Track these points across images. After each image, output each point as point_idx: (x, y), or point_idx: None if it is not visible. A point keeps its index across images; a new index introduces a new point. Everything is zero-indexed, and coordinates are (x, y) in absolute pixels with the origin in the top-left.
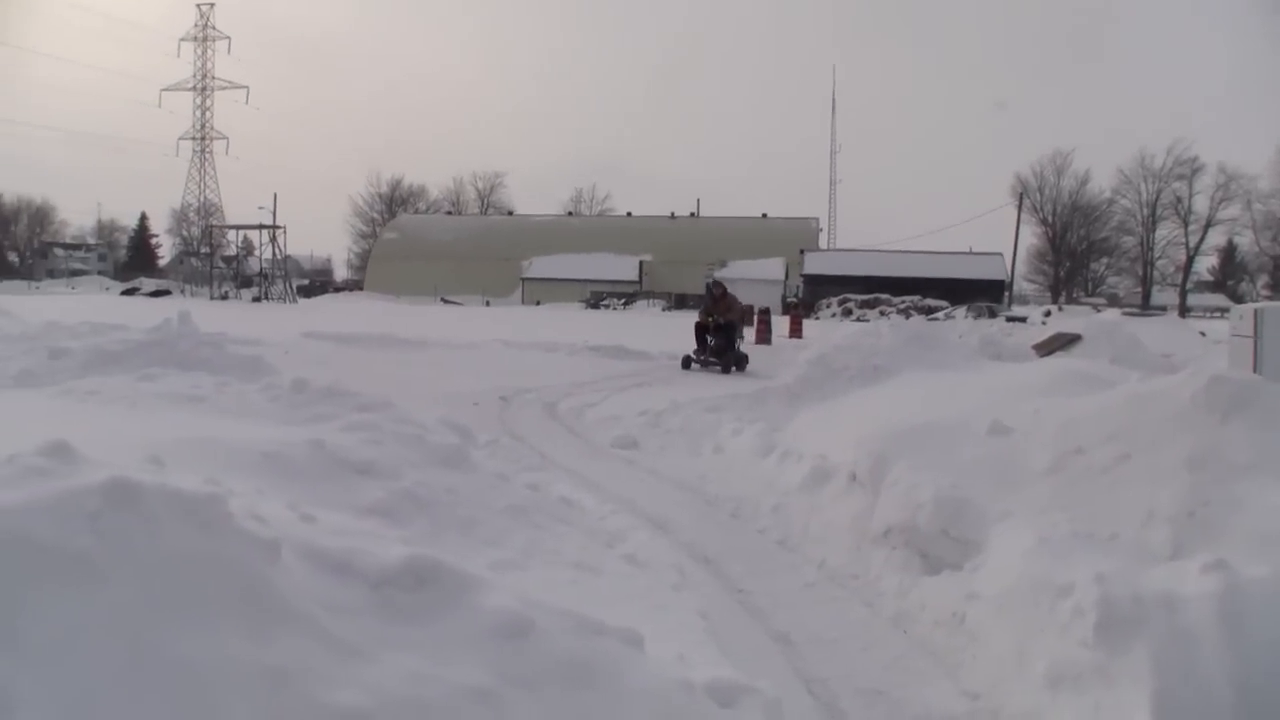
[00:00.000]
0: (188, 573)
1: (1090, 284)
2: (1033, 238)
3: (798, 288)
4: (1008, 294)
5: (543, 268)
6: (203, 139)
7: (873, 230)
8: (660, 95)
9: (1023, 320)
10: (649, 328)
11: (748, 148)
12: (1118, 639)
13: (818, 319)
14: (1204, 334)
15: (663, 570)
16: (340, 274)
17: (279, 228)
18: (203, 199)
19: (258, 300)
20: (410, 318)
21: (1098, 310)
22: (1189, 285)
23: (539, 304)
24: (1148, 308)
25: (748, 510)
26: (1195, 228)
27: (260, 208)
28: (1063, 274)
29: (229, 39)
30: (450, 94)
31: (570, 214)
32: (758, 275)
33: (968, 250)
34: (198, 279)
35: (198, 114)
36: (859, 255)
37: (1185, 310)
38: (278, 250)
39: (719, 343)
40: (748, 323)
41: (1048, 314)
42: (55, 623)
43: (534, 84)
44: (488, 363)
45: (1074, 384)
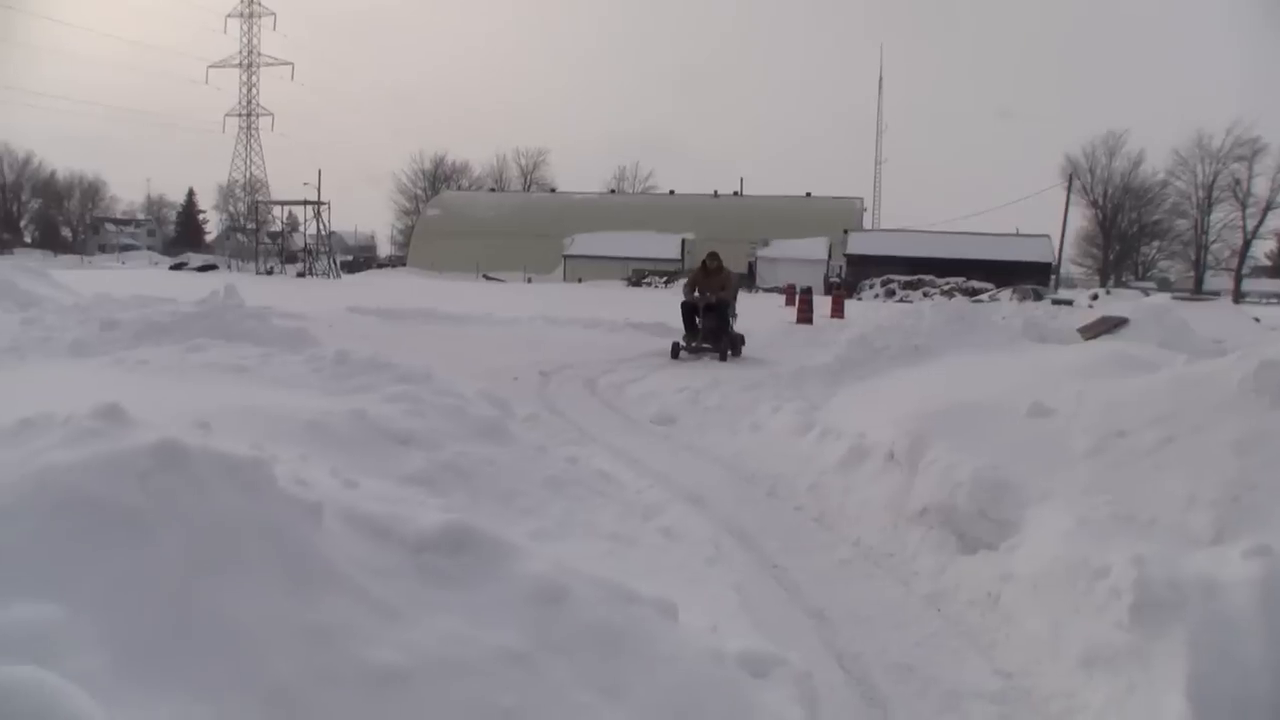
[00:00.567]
0: (233, 532)
1: (1140, 268)
2: (1082, 220)
3: (841, 268)
4: (1055, 277)
5: (585, 245)
6: (249, 115)
7: (918, 211)
8: (705, 73)
9: (1069, 303)
10: None
11: (793, 126)
12: (1154, 622)
13: (860, 299)
14: (1258, 320)
15: (698, 544)
16: (383, 250)
17: (323, 204)
18: (248, 175)
19: (302, 275)
20: (452, 294)
21: (1147, 294)
22: (1245, 270)
23: (580, 281)
24: (1200, 293)
25: (785, 487)
26: (1254, 210)
27: (305, 184)
28: (1112, 257)
29: (274, 15)
30: (494, 70)
31: (613, 191)
32: (800, 255)
33: (1014, 232)
34: (244, 254)
35: (244, 90)
36: (903, 236)
37: (1240, 296)
38: (322, 226)
39: (710, 324)
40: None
41: (1095, 297)
42: (107, 575)
43: (578, 61)
44: (528, 338)
45: (1118, 366)
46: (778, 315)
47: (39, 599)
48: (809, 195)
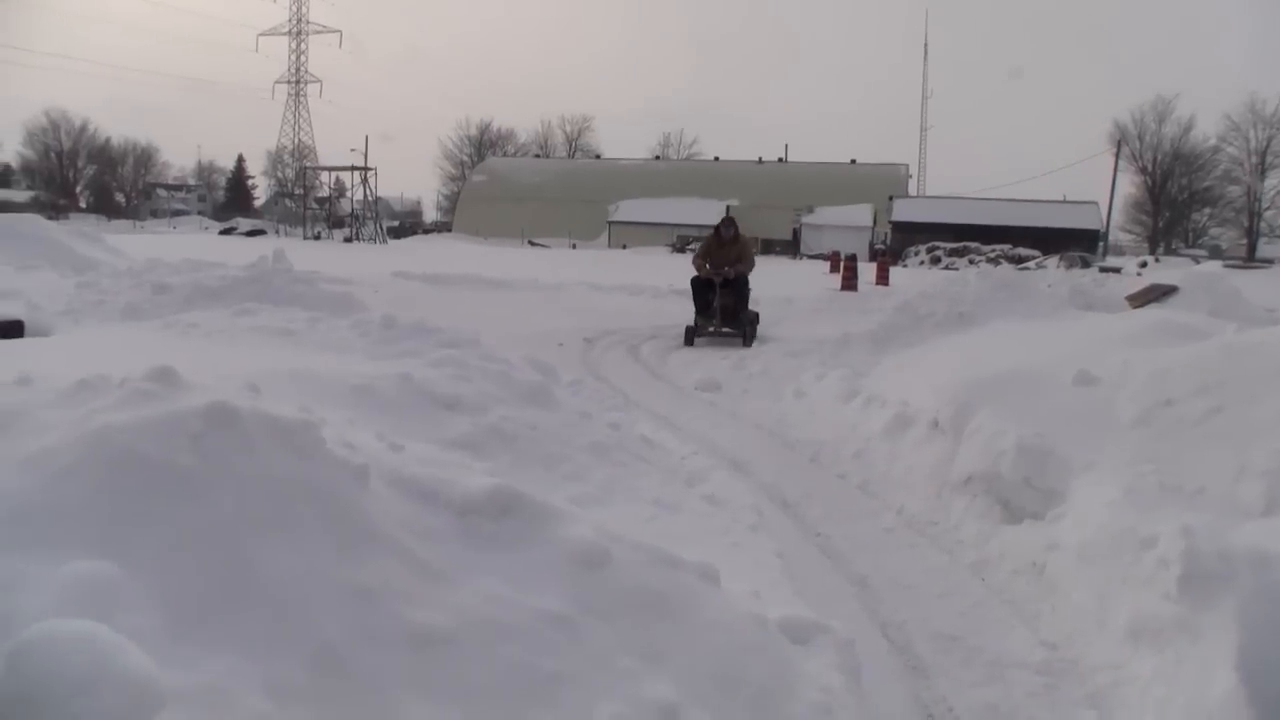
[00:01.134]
0: (282, 493)
1: (1191, 235)
2: (1131, 187)
3: (885, 235)
4: (1103, 244)
5: (629, 211)
6: (297, 83)
7: (964, 177)
8: (750, 38)
9: (1117, 271)
10: None
11: (838, 92)
12: (1203, 593)
13: (905, 267)
14: None
15: (741, 510)
16: (429, 216)
17: (370, 169)
18: (297, 141)
19: (349, 241)
20: (497, 259)
21: (1197, 262)
22: None
23: (625, 248)
24: (1253, 260)
25: (828, 455)
26: None
27: (352, 150)
28: (1161, 225)
29: None
30: (540, 37)
31: (657, 158)
32: (845, 222)
33: (1061, 199)
34: (292, 220)
35: (293, 58)
36: (949, 203)
37: None
38: (369, 192)
39: (728, 302)
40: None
41: (1143, 265)
42: (160, 534)
43: (623, 27)
44: (573, 304)
45: (1166, 335)
46: (822, 282)
47: (95, 556)
48: (854, 162)
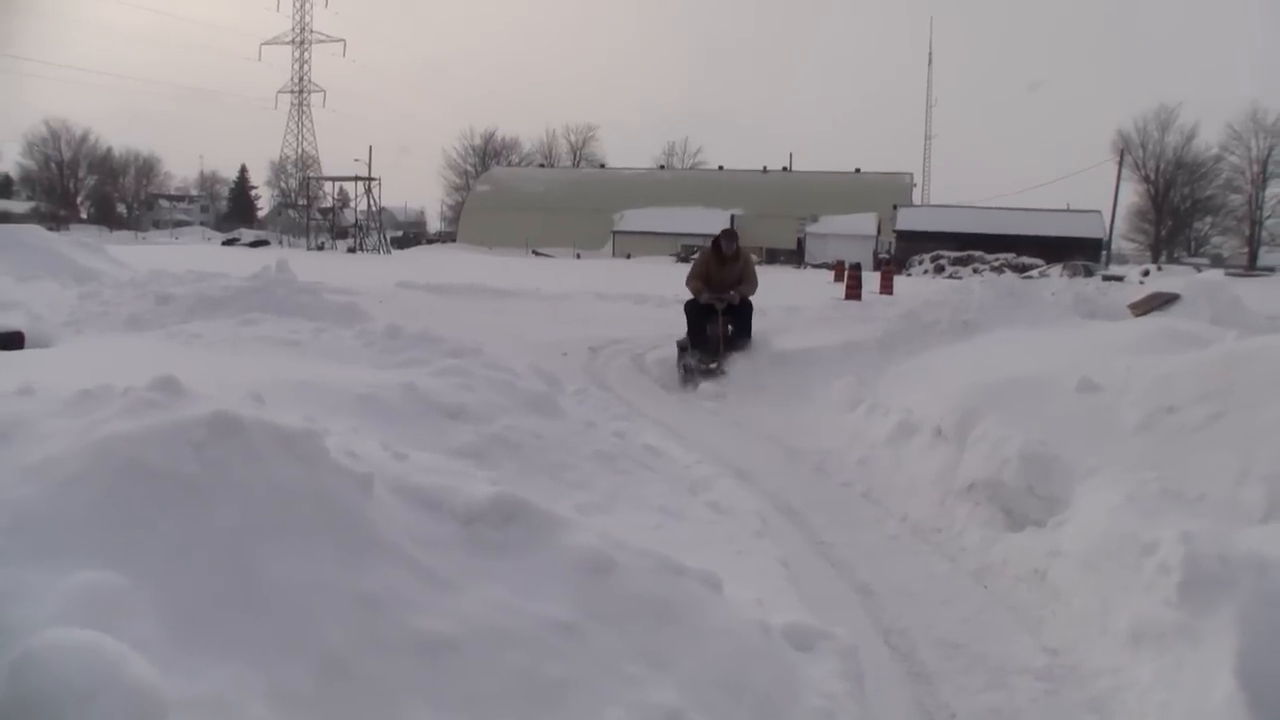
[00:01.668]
0: (286, 501)
1: (1193, 244)
2: (1133, 195)
3: (890, 244)
4: (1106, 253)
5: (634, 221)
6: (300, 92)
7: (968, 187)
8: (754, 48)
9: (1120, 279)
10: None
11: (842, 101)
12: (1203, 599)
13: (910, 275)
14: None
15: (745, 518)
16: (433, 226)
17: (374, 180)
18: (300, 151)
19: (353, 251)
20: (502, 269)
21: (1199, 270)
22: None
23: (630, 257)
24: (1254, 268)
25: (832, 463)
26: None
27: (356, 160)
28: (1164, 233)
29: None
30: (543, 46)
31: (662, 167)
32: (850, 231)
33: (1065, 208)
34: (295, 230)
35: (296, 67)
36: (953, 211)
37: None
38: (372, 202)
39: (735, 332)
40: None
41: (1146, 273)
42: (164, 543)
43: (627, 36)
44: (578, 313)
45: (1168, 342)
46: (826, 291)
47: (99, 565)
48: (858, 171)
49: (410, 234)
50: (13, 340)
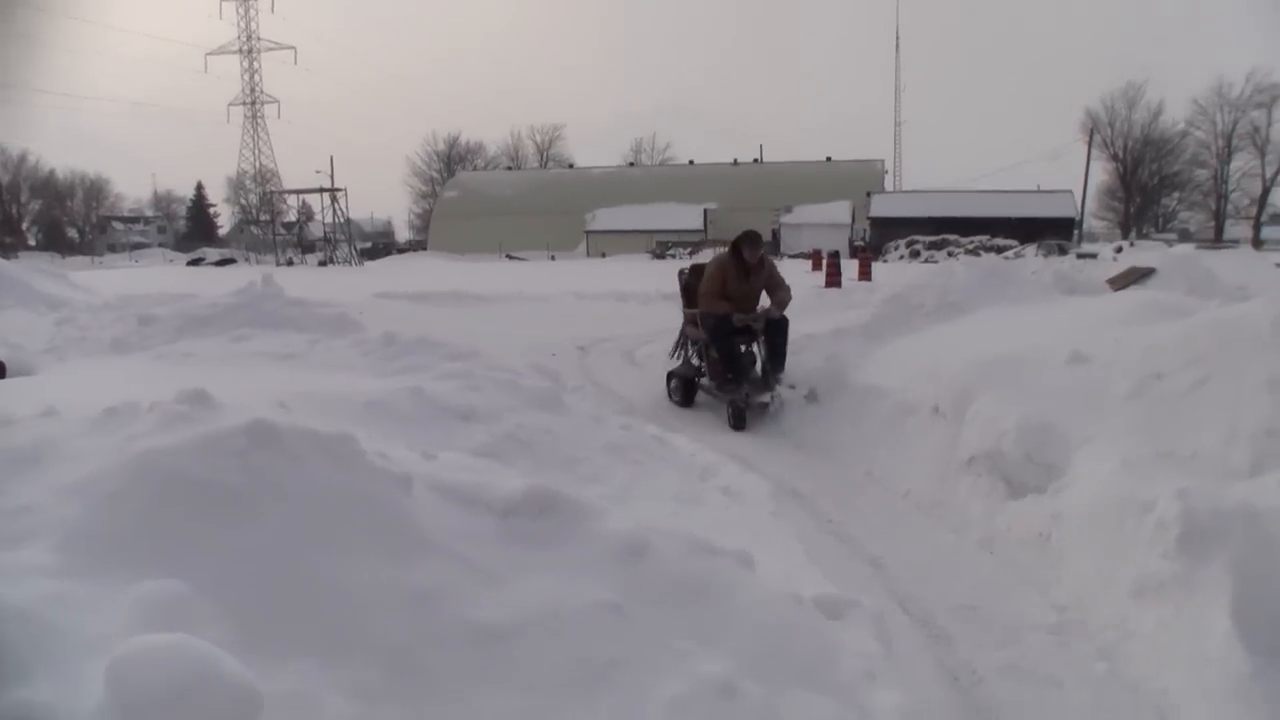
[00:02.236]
0: (330, 505)
1: (1161, 220)
2: (1103, 174)
3: (864, 231)
4: (1077, 231)
5: (606, 219)
6: (253, 104)
7: (940, 171)
8: (719, 40)
9: (1093, 257)
10: None
11: (811, 91)
12: (1199, 550)
13: (886, 262)
14: (1279, 265)
15: (758, 501)
16: (402, 235)
17: (339, 190)
18: (258, 165)
19: (323, 264)
20: (477, 275)
21: (1170, 245)
22: (1264, 218)
23: (604, 256)
24: (1221, 241)
25: (834, 446)
26: (1272, 158)
27: (317, 171)
28: (1133, 210)
29: None
30: (504, 46)
31: (631, 164)
32: (824, 219)
33: (1036, 188)
34: (260, 247)
35: (246, 77)
36: (925, 196)
37: (1259, 243)
38: (339, 213)
39: (773, 352)
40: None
41: (1119, 250)
42: (218, 551)
43: (589, 34)
44: (561, 314)
45: (1151, 313)
46: (805, 280)
47: (161, 575)
48: (829, 160)
49: (379, 244)
50: None
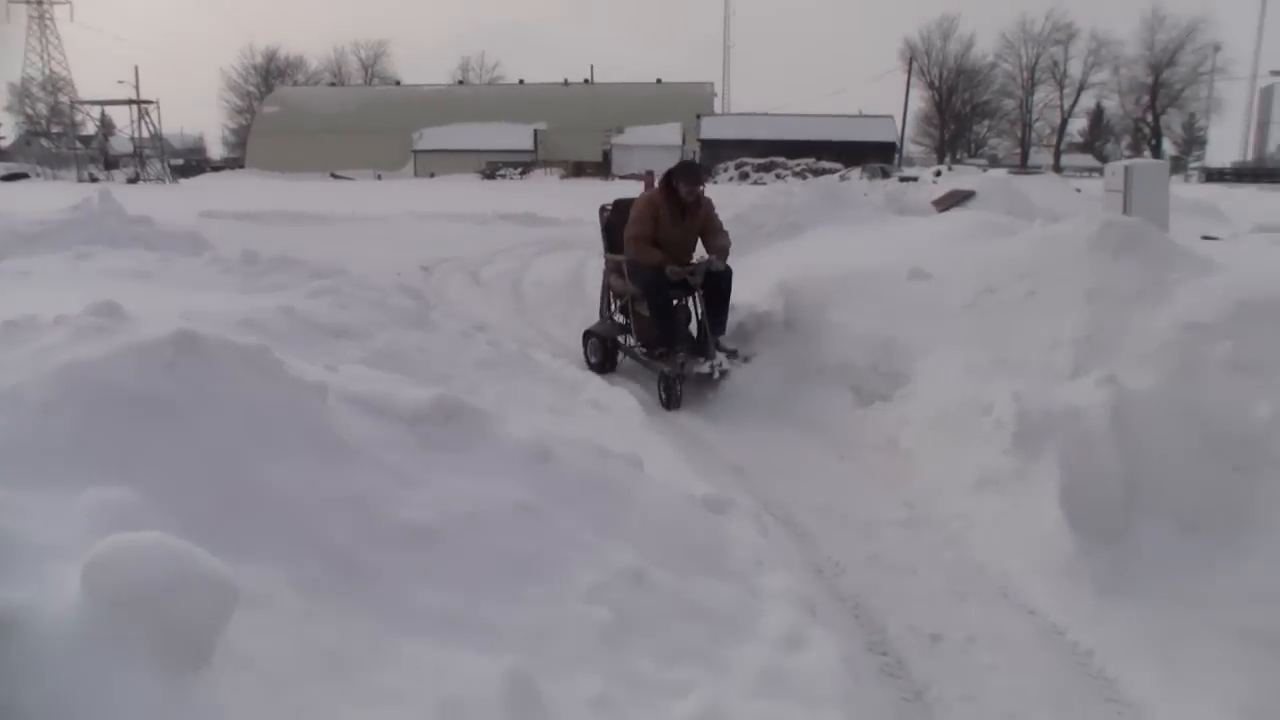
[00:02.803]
0: (260, 413)
1: (973, 146)
2: (920, 101)
3: (695, 152)
4: (898, 155)
5: (434, 139)
6: (40, 2)
7: (768, 95)
8: None
9: (915, 180)
10: (552, 196)
11: (641, 12)
12: (1031, 446)
13: (716, 184)
14: (1079, 190)
15: (626, 413)
16: (215, 152)
17: (149, 103)
18: (47, 72)
19: (133, 181)
20: (303, 194)
21: (984, 170)
22: (1063, 146)
23: (433, 176)
24: (1025, 167)
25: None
26: (1069, 91)
27: (120, 82)
28: (948, 136)
29: None
30: None
31: (460, 83)
32: (655, 141)
33: (859, 113)
34: (53, 161)
35: None
36: (755, 119)
37: (1059, 169)
38: (149, 127)
39: (714, 310)
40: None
41: (938, 174)
42: (156, 458)
43: None
44: (400, 235)
45: (981, 232)
46: None
47: (105, 483)
48: (660, 81)
49: (192, 161)
50: None
